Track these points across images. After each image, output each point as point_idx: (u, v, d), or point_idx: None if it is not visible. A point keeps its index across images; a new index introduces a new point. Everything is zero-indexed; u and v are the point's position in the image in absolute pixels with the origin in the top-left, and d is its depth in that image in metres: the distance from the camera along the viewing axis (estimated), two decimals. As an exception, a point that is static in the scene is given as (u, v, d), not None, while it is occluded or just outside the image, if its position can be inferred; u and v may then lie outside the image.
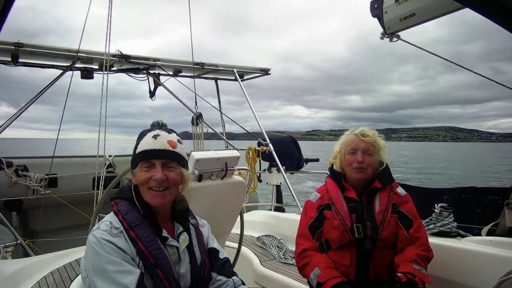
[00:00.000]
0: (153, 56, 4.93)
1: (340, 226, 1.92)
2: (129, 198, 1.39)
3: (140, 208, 1.36)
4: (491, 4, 0.74)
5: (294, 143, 5.51)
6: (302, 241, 2.04)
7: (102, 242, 1.24)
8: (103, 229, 1.29)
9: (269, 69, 5.94)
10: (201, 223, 1.62)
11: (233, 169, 2.21)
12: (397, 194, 2.04)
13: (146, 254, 1.28)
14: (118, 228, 1.30)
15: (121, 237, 1.28)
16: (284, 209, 5.43)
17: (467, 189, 4.67)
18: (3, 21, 0.98)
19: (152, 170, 1.36)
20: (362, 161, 1.98)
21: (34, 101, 4.36)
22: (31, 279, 2.52)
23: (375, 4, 3.36)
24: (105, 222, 1.32)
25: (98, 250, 1.23)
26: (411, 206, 2.02)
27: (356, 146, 2.02)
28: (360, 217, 1.93)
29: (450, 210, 2.54)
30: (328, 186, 2.10)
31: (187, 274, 1.39)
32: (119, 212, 1.34)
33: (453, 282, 2.15)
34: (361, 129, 2.08)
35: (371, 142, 2.02)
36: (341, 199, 2.00)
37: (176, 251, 1.39)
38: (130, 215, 1.33)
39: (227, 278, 1.52)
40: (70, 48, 4.20)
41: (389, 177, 2.07)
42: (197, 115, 5.19)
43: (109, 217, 1.36)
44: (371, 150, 2.01)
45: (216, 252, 1.57)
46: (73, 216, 5.00)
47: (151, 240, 1.31)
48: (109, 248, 1.24)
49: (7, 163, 4.78)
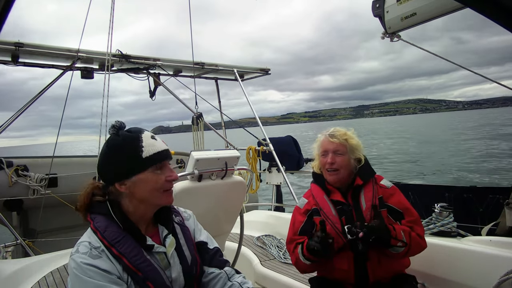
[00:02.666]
0: (153, 56, 4.94)
1: (331, 231, 1.89)
2: (106, 212, 1.30)
3: (118, 221, 1.28)
4: (491, 4, 0.74)
5: (294, 142, 5.52)
6: (292, 244, 2.03)
7: (83, 266, 1.17)
8: (82, 251, 1.21)
9: (269, 69, 5.98)
10: (186, 215, 1.56)
11: (233, 169, 2.21)
12: (382, 187, 2.01)
13: (133, 270, 1.23)
14: (99, 247, 1.22)
15: (103, 257, 1.21)
16: (284, 209, 5.43)
17: (467, 188, 4.67)
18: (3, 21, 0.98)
19: (163, 171, 1.33)
20: (333, 162, 1.97)
21: (34, 101, 4.35)
22: (31, 279, 2.53)
23: (376, 3, 3.37)
24: (84, 244, 1.24)
25: (81, 276, 1.16)
26: (400, 199, 1.98)
27: (327, 148, 2.02)
28: (349, 218, 1.91)
29: (450, 210, 2.54)
30: (313, 191, 2.08)
31: (180, 276, 1.35)
32: (97, 230, 1.26)
33: (453, 282, 2.15)
34: (332, 130, 2.07)
35: (340, 142, 1.99)
36: (328, 203, 1.98)
37: (164, 256, 1.34)
38: (109, 232, 1.25)
39: (219, 270, 1.46)
40: (70, 48, 4.20)
41: (369, 171, 2.04)
42: (197, 115, 5.20)
43: (87, 236, 1.27)
44: (342, 150, 1.98)
45: (204, 244, 1.51)
46: (73, 216, 4.96)
47: (135, 255, 1.25)
48: (91, 272, 1.17)
49: (7, 163, 4.78)
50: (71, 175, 5.18)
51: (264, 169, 5.47)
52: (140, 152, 1.30)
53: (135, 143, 1.31)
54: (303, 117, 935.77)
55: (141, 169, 1.30)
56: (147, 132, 1.36)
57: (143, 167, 1.30)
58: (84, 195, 1.34)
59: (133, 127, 1.38)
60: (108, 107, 3.64)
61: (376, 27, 3.44)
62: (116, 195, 1.33)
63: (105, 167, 1.34)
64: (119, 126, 1.35)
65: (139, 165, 1.30)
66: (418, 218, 1.99)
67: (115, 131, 1.34)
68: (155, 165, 1.31)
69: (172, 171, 1.36)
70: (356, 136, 2.08)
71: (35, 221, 5.00)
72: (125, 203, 1.33)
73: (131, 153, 1.30)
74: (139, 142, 1.31)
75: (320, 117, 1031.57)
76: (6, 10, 0.94)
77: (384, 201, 1.97)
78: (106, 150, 1.33)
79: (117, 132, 1.34)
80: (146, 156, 1.30)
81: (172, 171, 1.36)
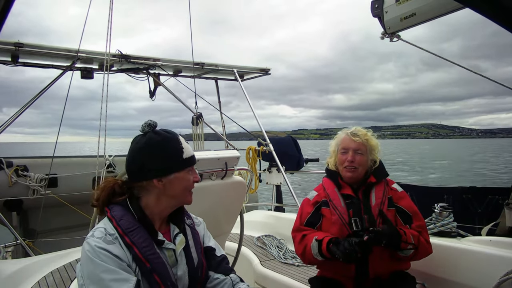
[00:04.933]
0: (153, 56, 4.94)
1: (338, 221, 1.95)
2: (123, 203, 1.37)
3: (134, 212, 1.35)
4: (491, 4, 0.74)
5: (294, 143, 5.52)
6: (298, 233, 2.06)
7: (96, 250, 1.23)
8: (97, 236, 1.27)
9: (269, 69, 5.96)
10: (197, 221, 1.61)
11: (233, 169, 2.22)
12: (393, 189, 2.07)
13: (142, 260, 1.27)
14: (113, 235, 1.28)
15: (116, 243, 1.26)
16: (284, 209, 5.43)
17: (467, 189, 4.67)
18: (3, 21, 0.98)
19: (193, 173, 1.45)
20: (352, 161, 2.01)
21: (34, 100, 4.36)
22: (31, 279, 2.53)
23: (375, 4, 3.36)
24: (99, 229, 1.30)
25: (93, 259, 1.22)
26: (410, 203, 2.04)
27: (347, 146, 2.05)
28: (357, 211, 1.96)
29: (450, 210, 2.54)
30: (325, 184, 2.14)
31: (185, 276, 1.39)
32: (113, 218, 1.32)
33: (453, 282, 2.15)
34: (354, 129, 2.11)
35: (362, 142, 2.03)
36: (338, 195, 2.04)
37: (173, 254, 1.38)
38: (124, 221, 1.31)
39: (224, 276, 1.50)
40: (70, 48, 4.20)
41: (383, 171, 2.11)
42: (197, 115, 5.20)
43: (103, 223, 1.34)
44: (362, 150, 2.03)
45: (212, 250, 1.56)
46: (73, 216, 5.00)
47: (146, 246, 1.30)
48: (104, 256, 1.22)
49: (7, 163, 4.78)
50: (71, 175, 5.18)
51: (264, 169, 5.47)
52: (181, 153, 1.40)
53: (176, 143, 1.41)
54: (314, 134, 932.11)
55: (181, 168, 1.39)
56: (180, 136, 1.46)
57: (182, 166, 1.40)
58: (103, 191, 1.38)
59: (163, 129, 1.45)
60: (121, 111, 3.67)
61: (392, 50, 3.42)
62: (142, 191, 1.38)
63: (143, 163, 1.36)
64: (155, 125, 1.42)
65: (180, 165, 1.39)
66: (425, 224, 2.04)
67: (152, 129, 1.41)
68: (190, 166, 1.43)
69: (197, 173, 1.47)
70: (375, 138, 2.12)
71: (35, 221, 5.00)
72: (148, 199, 1.38)
73: (174, 153, 1.39)
74: (179, 143, 1.41)
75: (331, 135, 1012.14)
76: (6, 10, 0.94)
77: (393, 201, 2.01)
78: (146, 146, 1.37)
79: (154, 131, 1.41)
80: (186, 157, 1.41)
81: (197, 174, 1.47)
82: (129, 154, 1.41)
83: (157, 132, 1.40)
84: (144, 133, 1.40)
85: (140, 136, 1.41)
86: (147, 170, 1.36)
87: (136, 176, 1.39)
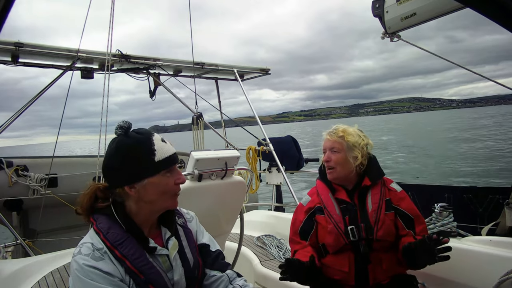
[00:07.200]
0: (153, 56, 4.94)
1: (334, 230, 1.87)
2: (109, 213, 1.28)
3: (121, 222, 1.26)
4: (491, 4, 0.74)
5: (294, 143, 5.52)
6: (292, 245, 2.03)
7: (85, 269, 1.16)
8: (85, 253, 1.19)
9: (269, 69, 5.99)
10: (188, 217, 1.54)
11: (233, 169, 2.21)
12: (392, 190, 1.97)
13: (135, 272, 1.22)
14: (101, 249, 1.21)
15: (105, 259, 1.20)
16: (284, 209, 5.43)
17: (467, 188, 4.67)
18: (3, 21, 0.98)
19: (173, 175, 1.32)
20: (328, 160, 1.95)
21: (34, 101, 4.36)
22: (31, 279, 2.53)
23: (376, 3, 3.36)
24: (86, 245, 1.22)
25: (83, 278, 1.15)
26: (411, 205, 1.96)
27: (324, 145, 2.01)
28: (353, 219, 1.88)
29: (450, 210, 2.54)
30: (319, 188, 2.05)
31: (182, 278, 1.34)
32: (100, 231, 1.24)
33: (453, 282, 2.15)
34: (333, 127, 2.04)
35: (336, 140, 1.95)
36: (332, 201, 1.95)
37: (167, 259, 1.32)
38: (112, 233, 1.23)
39: (221, 272, 1.46)
40: (70, 48, 4.20)
41: (378, 171, 1.99)
42: (197, 115, 5.20)
43: (89, 237, 1.25)
44: (337, 148, 1.94)
45: (206, 247, 1.51)
46: (73, 216, 4.93)
47: (138, 257, 1.23)
48: (93, 274, 1.16)
49: (7, 163, 4.78)
50: (71, 175, 5.18)
51: (264, 169, 5.47)
52: (153, 156, 1.27)
53: (147, 146, 1.27)
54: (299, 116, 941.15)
55: (154, 172, 1.27)
56: (156, 135, 1.33)
57: (155, 170, 1.27)
58: (85, 197, 1.30)
59: (140, 128, 1.34)
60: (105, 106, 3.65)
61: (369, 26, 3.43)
62: (121, 197, 1.30)
63: (113, 169, 1.28)
64: (128, 126, 1.30)
65: (152, 169, 1.27)
66: (426, 226, 1.99)
67: (123, 131, 1.29)
68: (167, 168, 1.29)
69: (180, 174, 1.35)
70: (361, 133, 2.02)
71: (35, 221, 5.00)
72: (129, 205, 1.30)
73: (144, 156, 1.26)
74: (151, 145, 1.28)
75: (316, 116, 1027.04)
76: (6, 10, 0.94)
77: (392, 203, 1.93)
78: (115, 151, 1.28)
79: (126, 133, 1.29)
80: (159, 159, 1.27)
81: (180, 174, 1.35)
82: (103, 159, 1.33)
83: (129, 135, 1.29)
84: (116, 135, 1.31)
85: (113, 139, 1.32)
86: (119, 176, 1.27)
87: (110, 182, 1.31)
